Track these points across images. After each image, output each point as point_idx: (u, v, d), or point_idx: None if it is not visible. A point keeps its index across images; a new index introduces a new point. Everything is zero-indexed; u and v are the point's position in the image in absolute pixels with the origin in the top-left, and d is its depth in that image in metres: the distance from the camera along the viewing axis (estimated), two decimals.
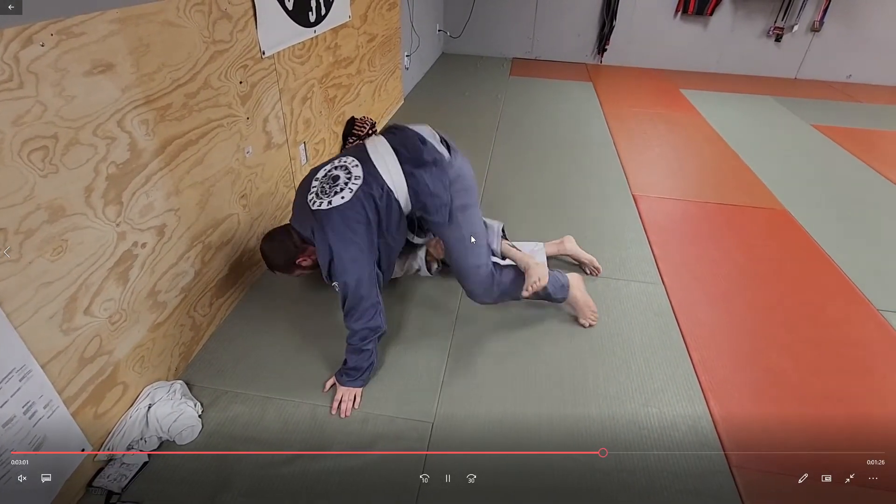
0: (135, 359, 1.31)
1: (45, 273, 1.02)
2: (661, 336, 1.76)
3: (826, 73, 5.19)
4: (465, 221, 1.53)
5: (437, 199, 1.47)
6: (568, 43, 5.45)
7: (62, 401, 1.09)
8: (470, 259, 1.56)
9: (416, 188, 1.46)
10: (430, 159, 1.47)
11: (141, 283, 1.30)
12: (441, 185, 1.47)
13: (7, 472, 0.98)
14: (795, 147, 3.47)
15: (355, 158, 1.50)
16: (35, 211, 0.98)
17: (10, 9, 0.89)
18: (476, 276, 1.58)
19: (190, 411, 1.35)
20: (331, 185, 1.44)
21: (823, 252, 2.25)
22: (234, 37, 1.59)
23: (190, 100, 1.41)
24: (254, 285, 1.91)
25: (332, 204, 1.39)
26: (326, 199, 1.41)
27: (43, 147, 0.99)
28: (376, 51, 3.13)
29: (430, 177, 1.46)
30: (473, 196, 1.59)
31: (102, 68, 1.11)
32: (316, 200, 1.42)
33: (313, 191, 1.46)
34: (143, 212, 1.28)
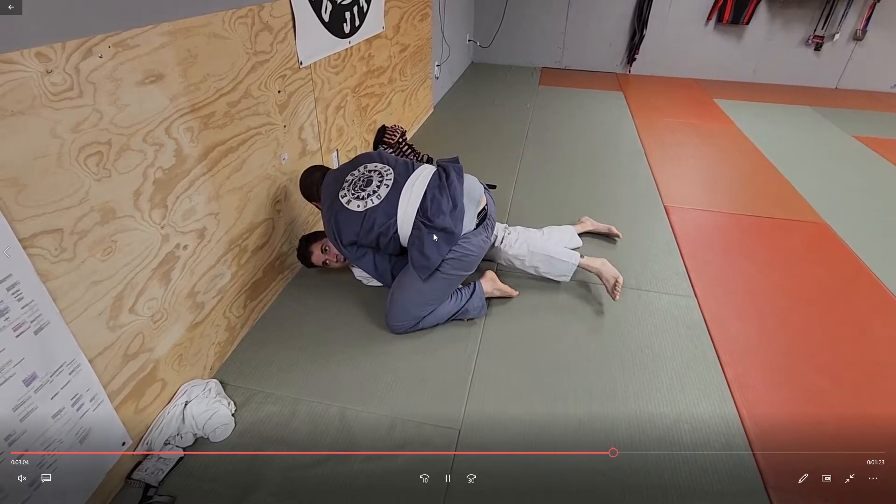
0: (173, 357, 1.36)
1: (95, 272, 1.07)
2: (693, 350, 1.72)
3: (869, 82, 5.01)
4: (435, 285, 1.64)
5: (426, 260, 1.57)
6: (598, 52, 5.42)
7: (107, 395, 1.14)
8: (407, 301, 1.67)
9: (416, 237, 1.58)
10: (440, 226, 1.56)
11: (181, 284, 1.35)
12: (436, 252, 1.57)
13: (54, 463, 1.02)
14: (836, 159, 3.36)
15: (394, 174, 1.65)
16: (89, 213, 1.04)
17: (10, 9, 0.90)
18: (398, 312, 1.68)
19: (224, 410, 1.39)
20: (362, 186, 1.64)
21: (867, 268, 2.17)
22: (275, 48, 1.64)
23: (232, 108, 1.47)
24: (285, 290, 1.95)
25: (349, 206, 1.61)
26: (352, 195, 1.62)
27: (98, 152, 1.04)
28: (408, 60, 3.18)
29: (430, 241, 1.56)
30: (466, 271, 1.68)
31: (153, 78, 1.16)
32: (342, 192, 1.64)
33: (349, 181, 1.67)
34: (186, 215, 1.33)
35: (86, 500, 1.12)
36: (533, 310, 1.87)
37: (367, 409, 1.47)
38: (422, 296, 1.66)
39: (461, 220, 1.60)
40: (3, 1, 0.89)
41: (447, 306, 1.72)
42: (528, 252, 1.92)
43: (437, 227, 1.55)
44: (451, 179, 1.64)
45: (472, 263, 1.67)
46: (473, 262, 1.66)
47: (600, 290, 1.98)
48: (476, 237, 1.64)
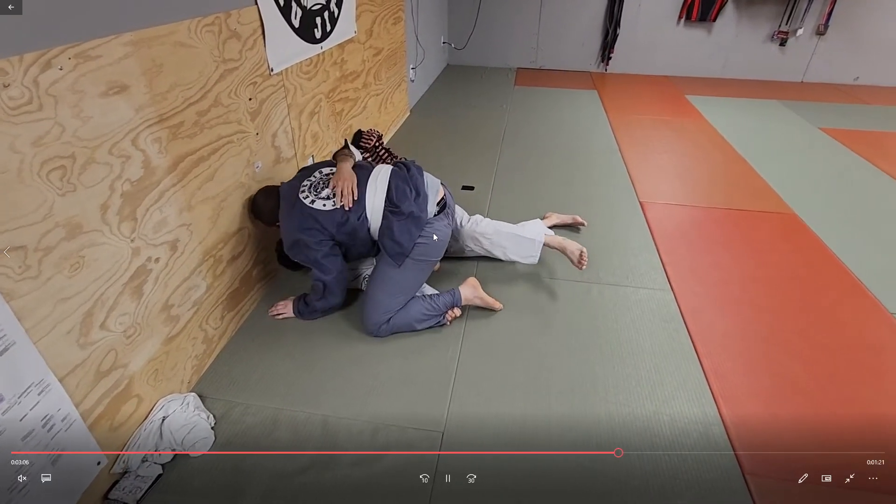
0: (149, 372, 1.34)
1: (63, 289, 1.05)
2: (670, 342, 1.75)
3: (833, 75, 5.17)
4: (407, 273, 1.69)
5: (398, 246, 1.63)
6: (572, 52, 5.49)
7: (79, 414, 1.11)
8: (379, 291, 1.71)
9: (386, 226, 1.64)
10: (407, 212, 1.63)
11: (154, 298, 1.33)
12: (408, 236, 1.62)
13: (25, 487, 1.00)
14: (803, 150, 3.46)
15: (356, 175, 1.67)
16: (53, 229, 1.01)
17: (10, 8, 0.90)
18: (373, 312, 1.70)
19: (203, 423, 1.37)
20: (324, 186, 1.67)
21: (834, 256, 2.24)
22: (244, 55, 1.63)
23: (201, 117, 1.45)
24: (264, 298, 1.93)
25: (313, 204, 1.62)
26: (314, 195, 1.64)
27: (61, 167, 1.02)
28: (382, 64, 3.18)
29: (400, 226, 1.62)
30: (434, 257, 1.75)
31: (117, 89, 1.14)
32: (306, 192, 1.65)
33: (307, 185, 1.67)
34: (157, 227, 1.31)
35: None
36: (513, 310, 1.89)
37: (350, 415, 1.46)
38: (395, 284, 1.69)
39: (426, 206, 1.69)
40: (4, 1, 0.89)
41: (419, 304, 1.73)
42: (495, 230, 1.98)
43: (405, 212, 1.62)
44: (411, 172, 1.73)
45: (439, 248, 1.74)
46: (440, 246, 1.73)
47: (579, 288, 2.01)
48: (439, 222, 1.72)
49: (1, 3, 0.88)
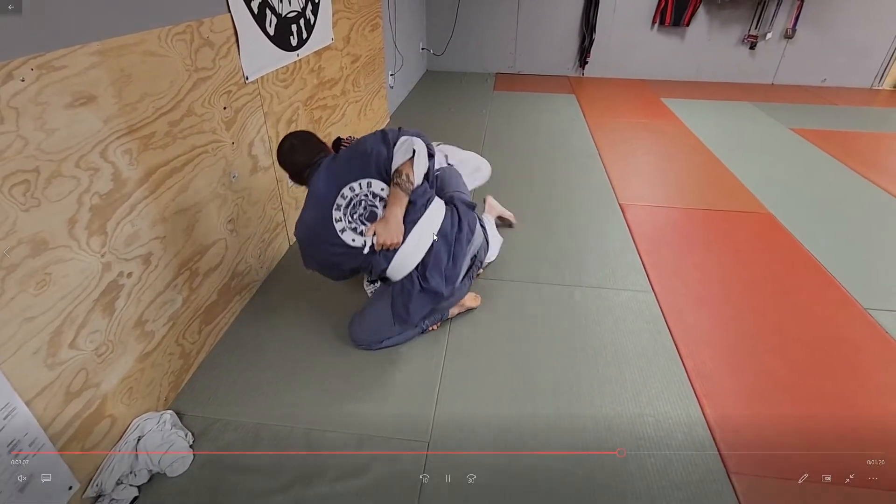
0: (123, 390, 1.29)
1: (28, 308, 1.00)
2: (653, 344, 1.76)
3: (801, 77, 5.32)
4: (415, 316, 1.62)
5: (407, 314, 1.60)
6: (550, 57, 5.54)
7: (48, 437, 1.07)
8: (379, 322, 1.65)
9: (404, 290, 1.57)
10: (433, 289, 1.56)
11: (128, 314, 1.28)
12: (420, 310, 1.60)
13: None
14: (776, 151, 3.54)
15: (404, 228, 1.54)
16: (17, 246, 0.97)
17: (10, 8, 0.89)
18: (366, 329, 1.68)
19: (181, 442, 1.33)
20: (362, 215, 1.53)
21: (808, 253, 2.28)
22: (217, 63, 1.60)
23: (174, 127, 1.41)
24: (244, 310, 1.90)
25: (343, 234, 1.52)
26: (347, 222, 1.52)
27: (24, 181, 0.98)
28: (360, 71, 3.16)
29: (418, 298, 1.57)
30: (439, 313, 1.75)
31: (84, 100, 1.11)
32: (340, 213, 1.53)
33: (347, 198, 1.53)
34: (129, 241, 1.27)
35: None
36: (496, 314, 1.88)
37: (334, 427, 1.43)
38: (392, 324, 1.66)
39: (455, 281, 1.59)
40: (4, 1, 0.88)
41: (413, 331, 1.73)
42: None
43: (431, 287, 1.54)
44: (461, 231, 1.59)
45: (446, 309, 1.75)
46: (448, 307, 1.74)
47: (561, 291, 2.01)
48: (459, 290, 1.65)
49: (2, 2, 0.88)
